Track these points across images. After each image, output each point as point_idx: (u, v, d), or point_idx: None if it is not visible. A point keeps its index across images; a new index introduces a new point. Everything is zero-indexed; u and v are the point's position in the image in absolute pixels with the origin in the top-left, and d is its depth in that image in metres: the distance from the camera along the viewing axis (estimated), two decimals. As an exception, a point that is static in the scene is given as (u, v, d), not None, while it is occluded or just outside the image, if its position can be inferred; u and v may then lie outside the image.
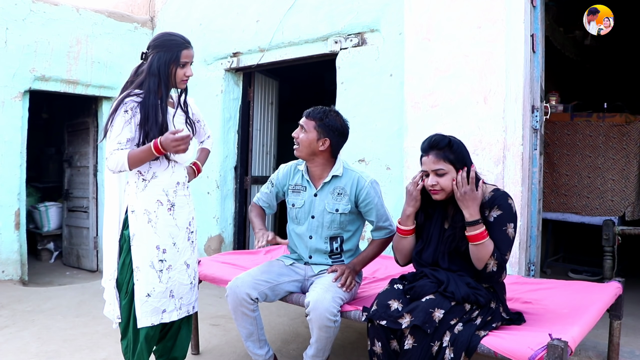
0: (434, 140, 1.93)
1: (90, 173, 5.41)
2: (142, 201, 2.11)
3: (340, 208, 2.29)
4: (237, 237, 4.91)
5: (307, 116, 2.30)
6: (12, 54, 4.45)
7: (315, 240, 2.35)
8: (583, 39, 4.99)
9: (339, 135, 2.30)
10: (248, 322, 2.27)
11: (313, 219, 2.34)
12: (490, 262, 1.85)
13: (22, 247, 4.62)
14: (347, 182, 2.31)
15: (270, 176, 2.52)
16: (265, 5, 4.40)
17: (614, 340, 2.37)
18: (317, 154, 2.29)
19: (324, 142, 2.26)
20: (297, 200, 2.38)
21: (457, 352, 1.72)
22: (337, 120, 2.29)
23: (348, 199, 2.29)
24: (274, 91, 5.19)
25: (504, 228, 1.88)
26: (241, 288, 2.22)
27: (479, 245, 1.84)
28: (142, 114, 2.07)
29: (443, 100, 3.07)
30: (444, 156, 1.90)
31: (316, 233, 2.34)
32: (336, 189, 2.31)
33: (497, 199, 1.90)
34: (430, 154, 1.92)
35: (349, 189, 2.29)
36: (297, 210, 2.38)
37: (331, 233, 2.32)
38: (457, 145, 1.93)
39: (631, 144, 4.24)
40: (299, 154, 2.31)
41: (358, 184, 2.29)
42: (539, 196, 3.13)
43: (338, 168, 2.32)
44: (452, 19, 3.03)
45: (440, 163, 1.90)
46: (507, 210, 1.89)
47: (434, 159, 1.91)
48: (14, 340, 3.03)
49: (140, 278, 2.09)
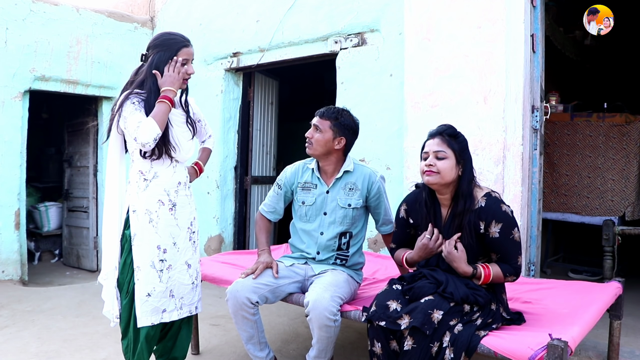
0: (444, 126, 1.97)
1: (90, 173, 5.41)
2: (144, 201, 2.11)
3: (352, 203, 2.33)
4: (237, 237, 4.91)
5: (322, 116, 2.33)
6: (12, 54, 4.45)
7: (326, 237, 2.37)
8: (583, 39, 4.99)
9: (353, 133, 2.37)
10: (248, 325, 2.27)
11: (325, 216, 2.37)
12: (507, 279, 1.91)
13: (22, 247, 4.62)
14: (358, 177, 2.35)
15: (276, 179, 2.54)
16: (265, 5, 4.40)
17: (614, 340, 2.37)
18: (332, 153, 2.34)
19: (339, 141, 2.32)
20: (308, 197, 2.40)
21: (457, 352, 1.72)
22: (350, 119, 2.36)
23: (360, 193, 2.34)
24: (274, 91, 5.19)
25: (510, 237, 1.88)
26: (241, 292, 2.22)
27: (492, 281, 1.90)
28: (145, 114, 2.07)
29: (443, 100, 3.07)
30: (449, 142, 1.92)
31: (328, 229, 2.37)
32: (347, 184, 2.35)
33: (491, 211, 1.87)
34: (436, 137, 1.95)
35: (360, 183, 2.34)
36: (308, 207, 2.40)
37: (342, 229, 2.35)
38: (463, 139, 1.97)
39: (631, 144, 4.24)
40: (312, 153, 2.34)
41: (370, 178, 2.35)
42: (539, 196, 3.13)
43: (349, 164, 2.37)
44: (452, 19, 3.03)
45: (443, 146, 1.92)
46: (506, 220, 1.88)
47: (438, 142, 1.93)
48: (14, 340, 3.03)
49: (140, 278, 2.09)
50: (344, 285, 2.23)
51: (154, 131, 2.01)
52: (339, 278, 2.25)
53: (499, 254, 1.91)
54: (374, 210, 2.40)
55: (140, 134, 1.99)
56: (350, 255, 2.38)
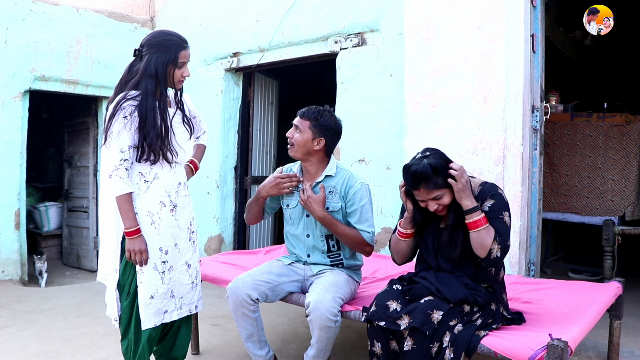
0: (417, 175, 1.83)
1: (90, 173, 5.41)
2: (145, 203, 2.09)
3: (330, 206, 2.30)
4: (237, 237, 4.91)
5: (302, 116, 2.32)
6: (12, 54, 4.45)
7: (312, 239, 2.37)
8: (583, 39, 4.99)
9: (333, 134, 2.32)
10: (248, 322, 2.27)
11: (308, 217, 2.36)
12: (494, 246, 1.82)
13: (22, 247, 4.62)
14: (338, 181, 2.32)
15: None
16: (265, 5, 4.40)
17: (614, 340, 2.37)
18: (312, 154, 2.31)
19: (319, 142, 2.28)
20: (292, 200, 2.41)
21: (457, 352, 1.72)
22: (331, 119, 2.31)
23: (339, 196, 2.31)
24: (274, 91, 5.19)
25: (500, 216, 1.88)
26: (241, 289, 2.23)
27: (480, 231, 1.82)
28: (140, 118, 2.03)
29: (443, 100, 3.07)
30: (434, 184, 1.84)
31: (313, 232, 2.36)
32: (328, 187, 2.32)
33: (488, 190, 1.92)
34: (420, 189, 1.86)
35: (339, 186, 2.31)
36: (292, 210, 2.41)
37: (326, 231, 2.33)
38: (438, 164, 1.85)
39: (631, 144, 4.24)
40: (293, 154, 2.33)
41: (348, 181, 2.30)
42: (539, 196, 3.13)
43: (331, 168, 2.34)
44: (452, 19, 3.03)
45: (433, 192, 1.86)
46: (500, 199, 1.90)
47: (426, 191, 1.86)
48: (14, 340, 3.03)
49: (143, 280, 2.07)
50: (344, 286, 2.23)
51: (114, 192, 2.03)
52: (339, 278, 2.25)
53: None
54: (348, 216, 2.30)
55: (114, 178, 2.01)
56: (343, 257, 2.37)
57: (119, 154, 2.01)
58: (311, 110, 2.31)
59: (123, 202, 2.03)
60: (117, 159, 2.01)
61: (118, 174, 2.01)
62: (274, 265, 2.42)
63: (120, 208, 2.04)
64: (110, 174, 2.02)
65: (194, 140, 2.36)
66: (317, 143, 2.28)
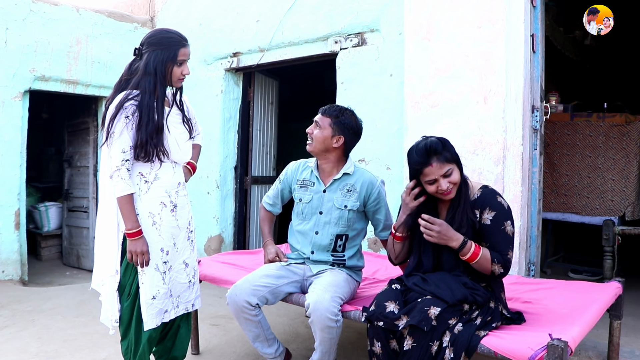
0: (429, 147, 1.89)
1: (90, 173, 5.41)
2: (146, 204, 2.08)
3: (349, 204, 2.32)
4: (237, 237, 4.91)
5: (323, 113, 2.33)
6: (12, 54, 4.45)
7: (321, 237, 2.37)
8: (583, 39, 4.99)
9: (353, 134, 2.34)
10: (252, 325, 2.28)
11: (321, 215, 2.36)
12: (495, 267, 1.87)
13: (22, 247, 4.62)
14: (357, 180, 2.34)
15: (280, 174, 2.57)
16: (265, 5, 4.40)
17: (614, 340, 2.37)
18: (330, 151, 2.32)
19: (338, 140, 2.30)
20: (305, 195, 2.41)
21: (457, 352, 1.71)
22: (352, 119, 2.34)
23: (358, 196, 2.32)
24: (274, 91, 5.19)
25: (502, 227, 1.88)
26: (240, 296, 2.22)
27: (479, 260, 1.86)
28: (139, 116, 2.03)
29: (443, 100, 3.07)
30: (445, 158, 1.89)
31: (323, 229, 2.36)
32: (346, 186, 2.34)
33: (487, 199, 1.91)
34: (433, 162, 1.88)
35: (359, 186, 2.33)
36: (304, 205, 2.40)
37: (338, 230, 2.34)
38: (443, 139, 1.93)
39: (631, 144, 4.23)
40: (311, 150, 2.34)
41: (370, 183, 2.34)
42: (539, 196, 3.13)
43: (349, 166, 2.36)
44: (452, 19, 3.03)
45: (445, 165, 1.89)
46: (500, 209, 1.90)
47: (439, 165, 1.88)
48: (14, 340, 3.03)
49: (145, 281, 2.07)
50: (343, 285, 2.23)
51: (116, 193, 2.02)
52: (339, 278, 2.25)
53: (489, 242, 1.90)
54: (374, 215, 2.38)
55: (115, 179, 2.00)
56: (346, 258, 2.37)
57: (120, 154, 2.01)
58: (333, 107, 2.34)
59: (125, 203, 2.02)
60: (119, 159, 2.01)
61: (120, 175, 2.00)
62: (272, 267, 2.40)
63: (122, 209, 2.03)
64: (112, 175, 2.01)
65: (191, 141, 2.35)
66: (336, 141, 2.30)
